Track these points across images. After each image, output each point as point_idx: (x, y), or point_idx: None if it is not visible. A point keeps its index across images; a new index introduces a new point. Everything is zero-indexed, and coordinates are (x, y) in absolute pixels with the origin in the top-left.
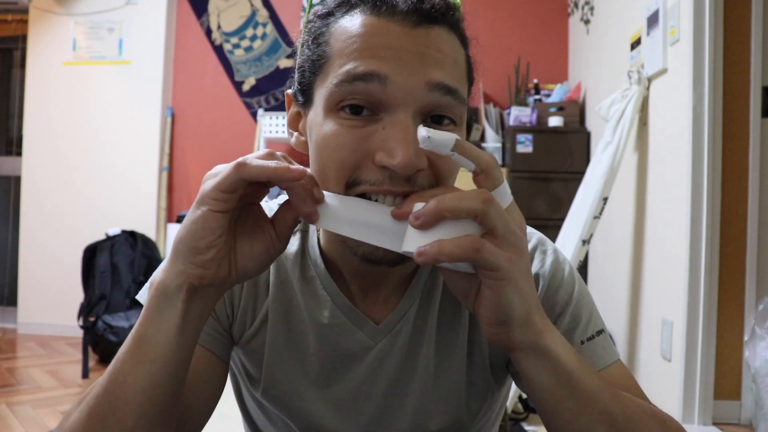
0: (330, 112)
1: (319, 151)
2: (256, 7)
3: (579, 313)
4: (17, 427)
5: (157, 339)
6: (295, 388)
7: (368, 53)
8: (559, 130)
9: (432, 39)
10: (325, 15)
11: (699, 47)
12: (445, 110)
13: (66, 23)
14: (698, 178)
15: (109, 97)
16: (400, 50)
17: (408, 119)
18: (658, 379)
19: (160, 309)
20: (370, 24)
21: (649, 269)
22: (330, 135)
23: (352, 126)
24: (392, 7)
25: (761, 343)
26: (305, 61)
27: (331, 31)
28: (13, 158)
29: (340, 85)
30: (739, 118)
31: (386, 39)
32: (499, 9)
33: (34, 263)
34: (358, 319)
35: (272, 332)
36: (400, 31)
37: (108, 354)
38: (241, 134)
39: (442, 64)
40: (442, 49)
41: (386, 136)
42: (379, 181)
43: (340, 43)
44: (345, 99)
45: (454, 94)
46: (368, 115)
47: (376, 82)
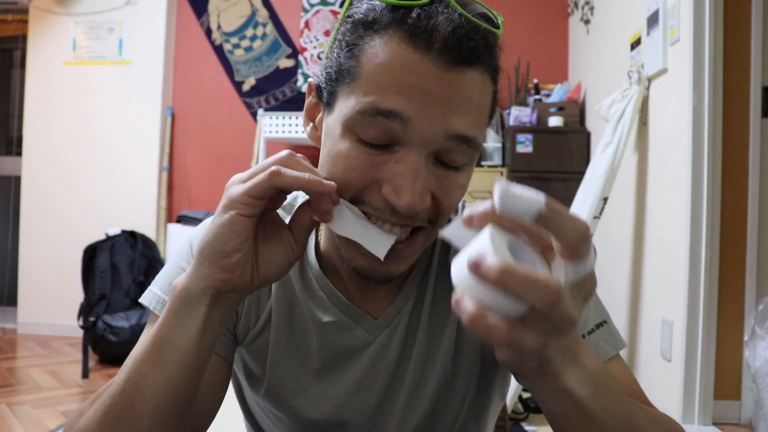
0: (347, 132)
1: (330, 163)
2: (256, 7)
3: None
4: (17, 427)
5: (179, 342)
6: (298, 385)
7: (395, 89)
8: (559, 130)
9: (461, 85)
10: (364, 24)
11: (699, 47)
12: (458, 157)
13: (66, 23)
14: (698, 178)
15: (109, 97)
16: (428, 94)
17: (421, 160)
18: (658, 379)
19: (182, 312)
20: (404, 58)
21: (649, 269)
22: (344, 154)
23: (366, 153)
24: (430, 42)
25: (761, 343)
26: (334, 63)
27: (365, 47)
28: (13, 158)
29: (362, 114)
30: (739, 118)
31: (416, 78)
32: (499, 9)
33: (34, 263)
34: (356, 316)
35: (275, 331)
36: (431, 73)
37: (108, 354)
38: (241, 134)
39: (466, 113)
40: (469, 97)
41: (397, 171)
42: (381, 209)
43: (371, 66)
44: (364, 135)
45: (470, 143)
46: (384, 146)
47: (397, 121)
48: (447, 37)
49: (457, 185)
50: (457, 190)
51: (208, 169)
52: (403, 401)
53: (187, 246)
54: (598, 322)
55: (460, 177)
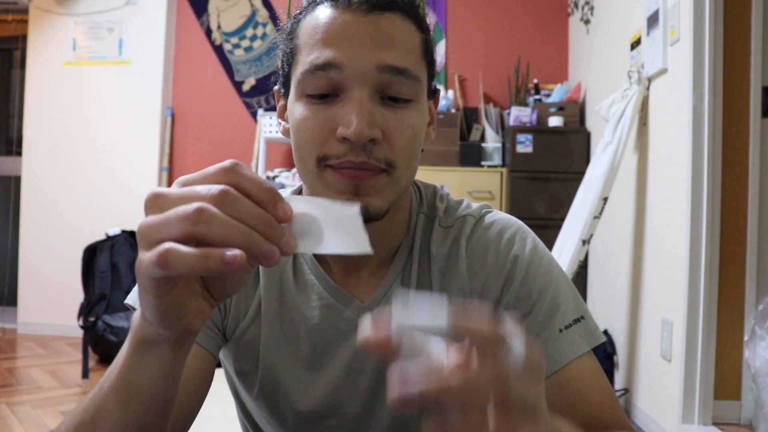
0: (299, 97)
1: (294, 133)
2: (256, 7)
3: (557, 300)
4: (17, 427)
5: (143, 383)
6: (290, 373)
7: (326, 43)
8: (559, 130)
9: (382, 24)
10: (296, 15)
11: (699, 47)
12: (399, 89)
13: (66, 23)
14: (698, 178)
15: (109, 97)
16: (353, 38)
17: (363, 95)
18: (658, 379)
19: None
20: (328, 15)
21: (649, 269)
22: (301, 119)
23: (317, 109)
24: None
25: (761, 343)
26: (283, 55)
27: (300, 26)
28: (13, 158)
29: (305, 74)
30: (739, 118)
31: (341, 28)
32: (499, 9)
33: (34, 263)
34: (344, 299)
35: (267, 320)
36: (353, 19)
37: (108, 354)
38: (241, 134)
39: (392, 47)
40: (391, 33)
41: (345, 112)
42: (342, 154)
43: (305, 36)
44: (310, 88)
45: (404, 74)
46: (331, 97)
47: (333, 69)
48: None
49: (406, 123)
50: (407, 129)
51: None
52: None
53: None
54: (576, 318)
55: (408, 114)
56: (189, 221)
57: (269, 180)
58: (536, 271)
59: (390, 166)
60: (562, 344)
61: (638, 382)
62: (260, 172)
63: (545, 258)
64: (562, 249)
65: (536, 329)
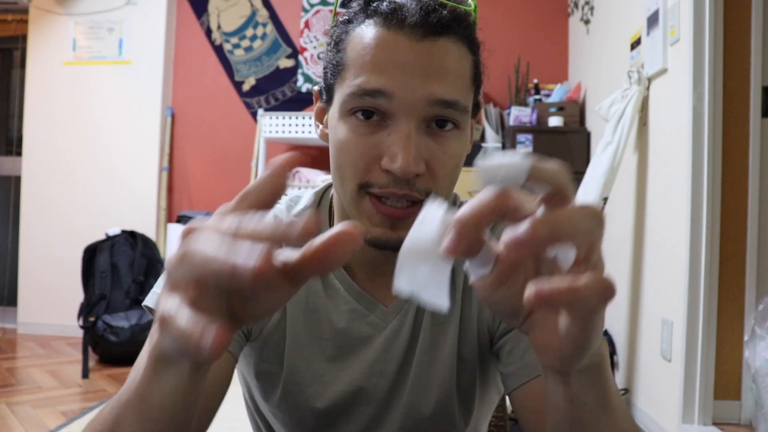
0: (344, 116)
1: (335, 153)
2: (256, 7)
3: None
4: (17, 427)
5: (161, 402)
6: (313, 372)
7: (377, 68)
8: (559, 130)
9: (435, 53)
10: (346, 22)
11: (699, 47)
12: (446, 118)
13: (66, 23)
14: (698, 178)
15: (109, 97)
16: (405, 66)
17: (410, 127)
18: (658, 379)
19: (160, 371)
20: (381, 37)
21: (649, 269)
22: (344, 140)
23: (362, 132)
24: (401, 20)
25: (761, 343)
26: (328, 63)
27: (349, 39)
28: (13, 158)
29: (352, 96)
30: (739, 118)
31: (393, 54)
32: (499, 9)
33: (34, 263)
34: (369, 304)
35: (292, 321)
36: (406, 45)
37: (108, 354)
38: (241, 134)
39: (444, 78)
40: (444, 63)
41: (391, 142)
42: (385, 184)
43: (355, 53)
44: (356, 107)
45: (453, 106)
46: (377, 120)
47: (382, 97)
48: (415, 13)
49: (449, 154)
50: (450, 160)
51: (208, 169)
52: (411, 385)
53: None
54: None
55: (452, 143)
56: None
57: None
58: None
59: (429, 197)
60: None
61: (638, 382)
62: (260, 172)
63: None
64: None
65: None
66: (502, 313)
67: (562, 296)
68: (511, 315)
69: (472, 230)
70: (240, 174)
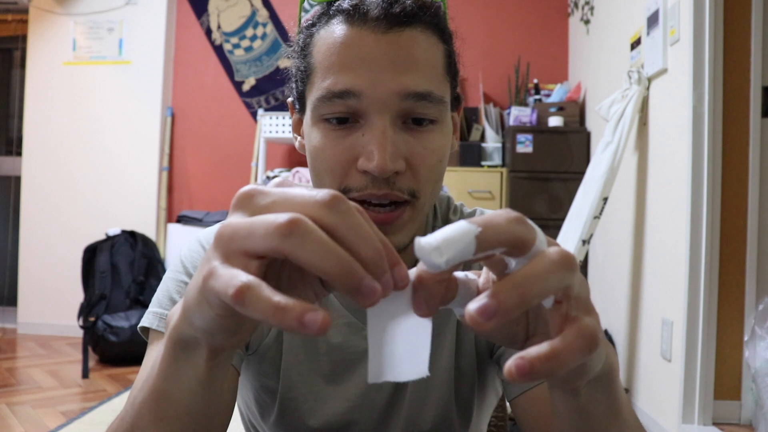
0: (316, 122)
1: (312, 159)
2: (256, 7)
3: None
4: (17, 427)
5: (179, 396)
6: (309, 388)
7: (343, 67)
8: (559, 130)
9: (402, 44)
10: (310, 26)
11: (699, 47)
12: (422, 113)
13: (66, 23)
14: (698, 178)
15: (109, 97)
16: (372, 62)
17: (385, 124)
18: (658, 379)
19: (178, 362)
20: (344, 35)
21: (649, 269)
22: (319, 147)
23: (336, 136)
24: (364, 14)
25: (761, 343)
26: (296, 71)
27: (314, 42)
28: (13, 158)
29: (322, 101)
30: (739, 118)
31: (358, 50)
32: (499, 9)
33: (34, 263)
34: (364, 317)
35: (288, 336)
36: (371, 39)
37: (108, 354)
38: (241, 134)
39: (414, 69)
40: (413, 54)
41: (365, 141)
42: (364, 186)
43: (320, 56)
44: (327, 113)
45: (427, 98)
46: (351, 123)
47: (351, 97)
48: (377, 5)
49: (430, 149)
50: (431, 155)
51: (208, 169)
52: (409, 400)
53: (179, 262)
54: None
55: (433, 138)
56: (278, 235)
57: (269, 180)
58: None
59: (413, 197)
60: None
61: (638, 381)
62: (260, 172)
63: None
64: None
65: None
66: (499, 342)
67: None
68: (509, 342)
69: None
70: (240, 174)
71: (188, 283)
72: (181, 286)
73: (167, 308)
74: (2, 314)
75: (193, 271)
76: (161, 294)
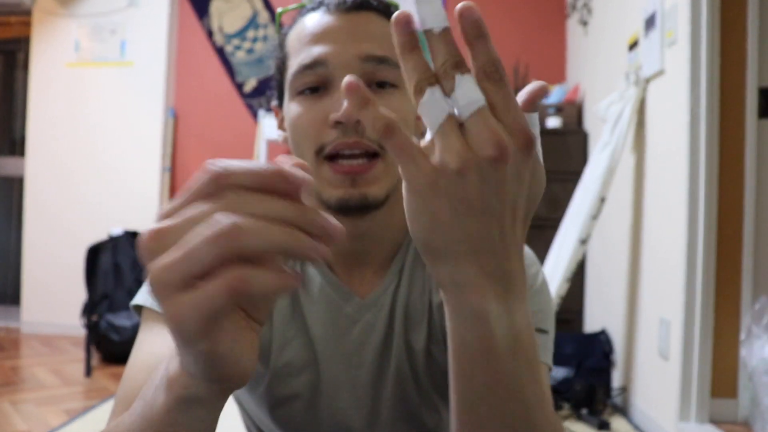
0: (293, 97)
1: (292, 131)
2: (258, 8)
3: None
4: (20, 425)
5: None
6: (299, 367)
7: (311, 43)
8: (557, 131)
9: (360, 21)
10: (284, 31)
11: (696, 49)
12: (383, 76)
13: (68, 25)
14: (695, 179)
15: (112, 98)
16: (335, 35)
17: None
18: (655, 378)
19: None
20: (311, 20)
21: (646, 269)
22: (296, 116)
23: (310, 104)
24: (326, 6)
25: (758, 342)
26: (276, 68)
27: (287, 39)
28: (16, 159)
29: (295, 75)
30: (736, 120)
31: (323, 29)
32: (497, 10)
33: (37, 263)
34: (345, 294)
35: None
36: (333, 20)
37: (111, 353)
38: (243, 135)
39: (371, 39)
40: (369, 29)
41: (333, 100)
42: (335, 138)
43: (293, 43)
44: (300, 86)
45: (386, 62)
46: (321, 91)
47: (320, 66)
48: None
49: (393, 108)
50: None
51: None
52: (392, 380)
53: None
54: (540, 327)
55: (395, 99)
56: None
57: None
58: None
59: (383, 148)
60: None
61: (636, 380)
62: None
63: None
64: (560, 249)
65: None
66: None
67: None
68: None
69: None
70: None
71: None
72: None
73: None
74: (6, 313)
75: None
76: None
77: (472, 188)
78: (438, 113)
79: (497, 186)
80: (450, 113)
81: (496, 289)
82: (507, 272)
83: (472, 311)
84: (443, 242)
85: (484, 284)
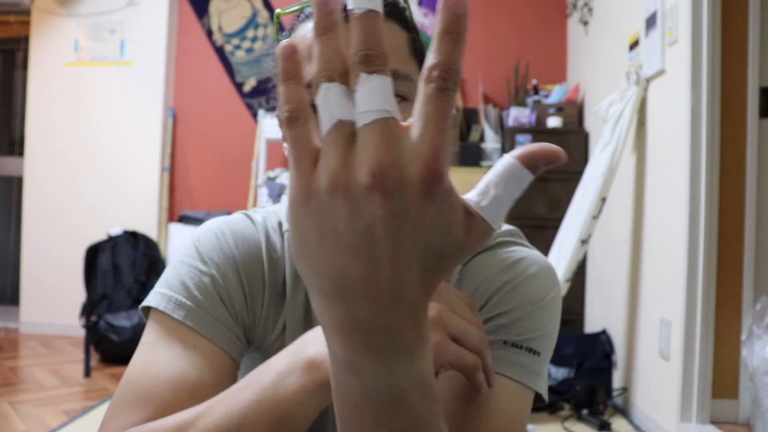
0: None
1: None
2: (257, 8)
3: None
4: (19, 426)
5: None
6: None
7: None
8: (557, 131)
9: None
10: (282, 37)
11: (697, 48)
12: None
13: (68, 24)
14: (696, 179)
15: (111, 97)
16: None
17: None
18: (656, 378)
19: (320, 395)
20: (310, 29)
21: (647, 269)
22: None
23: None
24: None
25: (759, 342)
26: (276, 79)
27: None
28: (15, 159)
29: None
30: (736, 119)
31: None
32: (499, 10)
33: (37, 263)
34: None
35: (291, 331)
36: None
37: (110, 353)
38: (242, 135)
39: None
40: None
41: None
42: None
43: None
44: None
45: (395, 75)
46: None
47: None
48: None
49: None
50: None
51: (210, 170)
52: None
53: (192, 245)
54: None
55: (405, 114)
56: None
57: (270, 180)
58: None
59: None
60: (496, 352)
61: (637, 381)
62: (261, 172)
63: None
64: (561, 249)
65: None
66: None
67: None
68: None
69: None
70: (241, 174)
71: (203, 270)
72: (194, 272)
73: (178, 292)
74: (5, 314)
75: (209, 260)
76: (172, 277)
77: (341, 216)
78: (327, 116)
79: (370, 220)
80: (341, 119)
81: (366, 341)
82: (385, 327)
83: (337, 357)
84: (310, 273)
85: (351, 334)
